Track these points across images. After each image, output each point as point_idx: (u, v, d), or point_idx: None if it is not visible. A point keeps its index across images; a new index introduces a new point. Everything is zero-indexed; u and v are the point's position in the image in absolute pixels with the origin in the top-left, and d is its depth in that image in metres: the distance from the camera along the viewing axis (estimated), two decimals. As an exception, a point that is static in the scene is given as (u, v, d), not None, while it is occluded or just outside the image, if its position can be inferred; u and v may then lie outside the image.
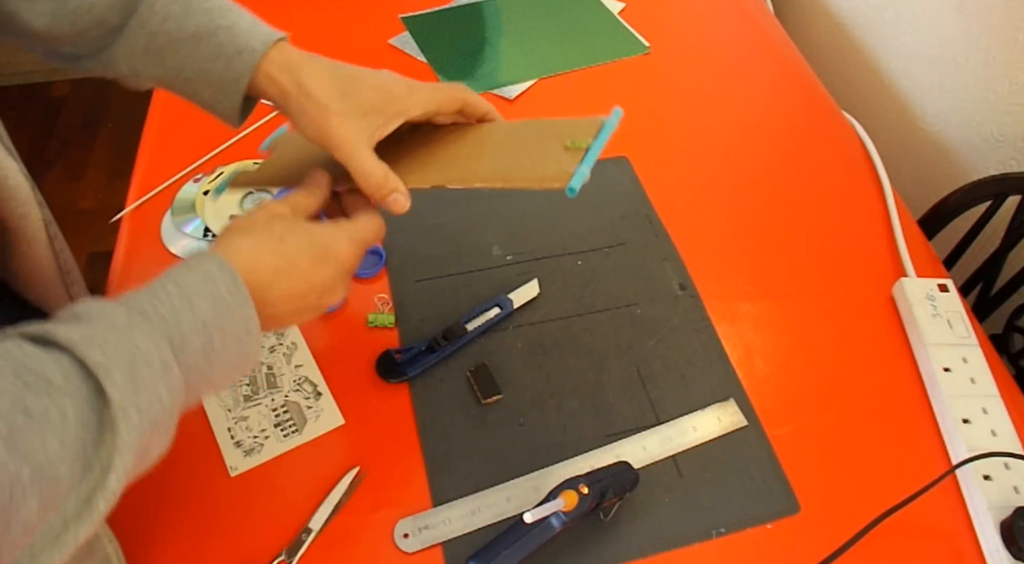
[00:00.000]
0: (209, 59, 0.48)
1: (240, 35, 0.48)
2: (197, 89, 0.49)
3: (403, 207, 0.52)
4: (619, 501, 0.56)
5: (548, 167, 0.54)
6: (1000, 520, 0.55)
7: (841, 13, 1.12)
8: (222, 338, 0.39)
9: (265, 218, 0.46)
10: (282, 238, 0.45)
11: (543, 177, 0.53)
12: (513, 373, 0.64)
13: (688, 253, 0.73)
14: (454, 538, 0.55)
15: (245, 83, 0.48)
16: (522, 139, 0.58)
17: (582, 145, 0.54)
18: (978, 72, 0.88)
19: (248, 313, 0.40)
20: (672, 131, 0.86)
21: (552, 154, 0.54)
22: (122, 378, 0.34)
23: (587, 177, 0.51)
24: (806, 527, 0.57)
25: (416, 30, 0.96)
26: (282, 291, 0.43)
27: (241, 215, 0.47)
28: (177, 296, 0.38)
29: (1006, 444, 0.60)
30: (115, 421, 0.33)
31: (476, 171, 0.56)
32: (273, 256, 0.44)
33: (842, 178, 0.82)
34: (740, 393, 0.64)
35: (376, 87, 0.51)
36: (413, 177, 0.55)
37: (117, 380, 0.34)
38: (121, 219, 0.75)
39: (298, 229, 0.46)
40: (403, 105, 0.52)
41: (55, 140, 1.97)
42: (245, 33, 0.48)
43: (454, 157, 0.57)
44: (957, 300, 0.69)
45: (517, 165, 0.55)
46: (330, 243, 0.47)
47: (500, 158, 0.57)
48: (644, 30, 0.97)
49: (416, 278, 0.70)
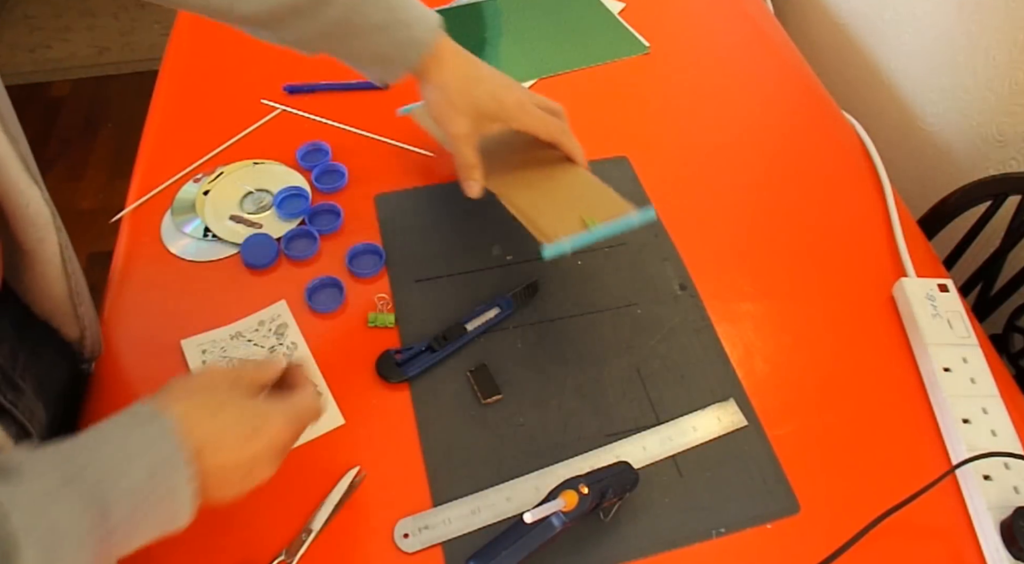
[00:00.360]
0: (386, 45, 0.58)
1: (413, 27, 0.59)
2: (368, 66, 0.61)
3: (473, 192, 0.66)
4: (619, 501, 0.56)
5: (552, 223, 0.62)
6: (1000, 520, 0.55)
7: (841, 13, 1.12)
8: (152, 503, 0.39)
9: (205, 385, 0.46)
10: (215, 413, 0.44)
11: (540, 228, 0.62)
12: (513, 373, 0.64)
13: (688, 253, 0.73)
14: (454, 538, 0.55)
15: (412, 67, 0.60)
16: (566, 191, 0.66)
17: (590, 224, 0.62)
18: (978, 72, 0.88)
19: (182, 480, 0.40)
20: (672, 131, 0.86)
21: (567, 216, 0.63)
22: (40, 547, 0.34)
23: (567, 252, 0.61)
24: (806, 527, 0.57)
25: (416, 30, 0.96)
26: (206, 465, 0.42)
27: (183, 377, 0.47)
28: (115, 457, 0.39)
29: (1006, 444, 0.60)
30: None
31: (515, 198, 0.65)
32: (204, 428, 0.43)
33: (842, 178, 0.82)
34: (740, 393, 0.64)
35: (494, 96, 0.63)
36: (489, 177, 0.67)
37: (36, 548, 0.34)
38: (121, 219, 0.75)
39: (233, 403, 0.46)
40: (510, 118, 0.65)
41: (55, 140, 1.97)
42: (416, 25, 0.59)
43: (515, 177, 0.68)
44: (957, 300, 0.69)
45: (539, 208, 0.64)
46: (263, 421, 0.46)
47: (538, 196, 0.65)
48: (644, 30, 0.97)
49: (416, 278, 0.70)
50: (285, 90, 0.87)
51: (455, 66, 0.61)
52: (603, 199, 0.65)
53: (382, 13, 0.57)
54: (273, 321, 0.66)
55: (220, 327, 0.66)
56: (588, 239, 0.62)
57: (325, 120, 0.84)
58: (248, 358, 0.61)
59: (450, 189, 0.78)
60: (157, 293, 0.69)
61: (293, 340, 0.65)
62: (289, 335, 0.65)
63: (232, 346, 0.64)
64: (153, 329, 0.66)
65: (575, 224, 0.62)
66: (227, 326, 0.66)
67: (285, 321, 0.66)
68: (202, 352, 0.64)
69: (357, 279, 0.70)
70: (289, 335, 0.65)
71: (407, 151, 0.82)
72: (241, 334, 0.65)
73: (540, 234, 0.61)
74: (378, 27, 0.57)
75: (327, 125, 0.84)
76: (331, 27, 0.56)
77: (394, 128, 0.83)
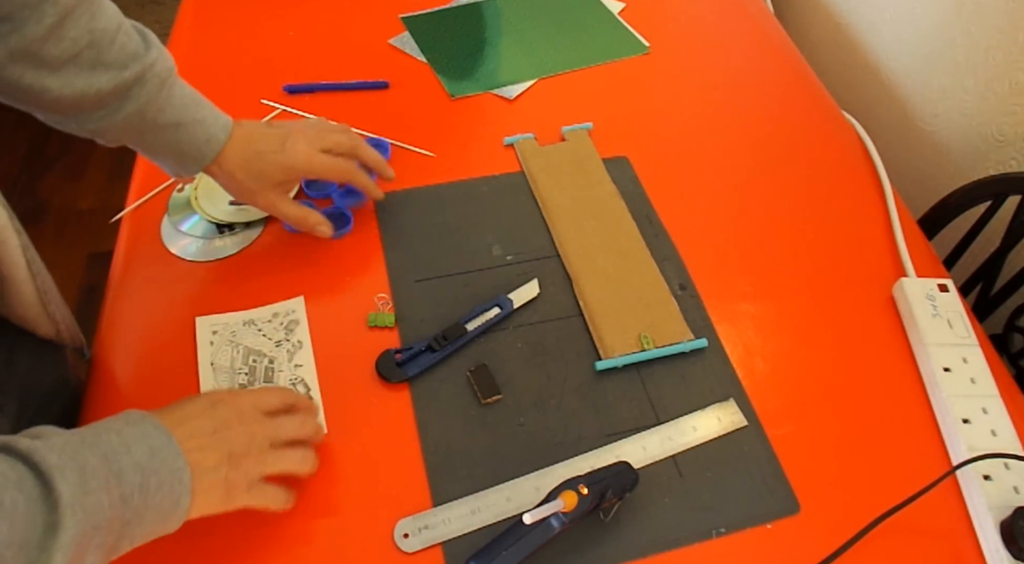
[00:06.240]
0: (183, 143, 0.61)
1: (208, 126, 0.61)
2: (166, 160, 0.63)
3: (325, 233, 0.70)
4: (619, 501, 0.56)
5: (613, 337, 0.65)
6: (1000, 520, 0.55)
7: (841, 13, 1.12)
8: (157, 480, 0.43)
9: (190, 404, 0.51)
10: (170, 408, 0.49)
11: (602, 340, 0.65)
12: (513, 373, 0.64)
13: (688, 253, 0.73)
14: (454, 538, 0.55)
15: (207, 163, 0.63)
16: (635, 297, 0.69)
17: (647, 345, 0.65)
18: (978, 72, 0.88)
19: (180, 464, 0.45)
20: (672, 131, 0.86)
21: (628, 330, 0.66)
22: (74, 477, 0.38)
23: (617, 366, 0.64)
24: (806, 527, 0.57)
25: (416, 30, 0.96)
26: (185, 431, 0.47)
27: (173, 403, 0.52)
28: (117, 442, 0.43)
29: (1006, 444, 0.60)
30: (62, 518, 0.37)
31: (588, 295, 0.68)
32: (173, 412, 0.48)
33: (842, 178, 0.82)
34: (740, 393, 0.64)
35: (278, 164, 0.65)
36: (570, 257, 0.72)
37: (70, 478, 0.38)
38: (121, 219, 0.75)
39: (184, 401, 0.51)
40: (304, 175, 0.68)
41: (55, 140, 1.97)
42: (211, 124, 0.62)
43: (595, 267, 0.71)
44: (957, 300, 0.69)
45: (606, 314, 0.67)
46: (219, 396, 0.51)
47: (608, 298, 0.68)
48: (644, 30, 0.97)
49: (416, 278, 0.70)
50: (285, 90, 0.87)
51: (234, 154, 0.63)
52: (666, 318, 0.67)
53: (178, 112, 0.59)
54: (287, 315, 0.66)
55: (235, 311, 0.66)
56: (640, 358, 0.65)
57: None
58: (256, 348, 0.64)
59: (450, 189, 0.78)
60: (157, 293, 0.69)
61: (300, 338, 0.65)
62: (298, 333, 0.65)
63: (242, 332, 0.65)
64: (153, 329, 0.66)
65: (632, 342, 0.65)
66: (241, 312, 0.66)
67: (297, 318, 0.66)
68: (213, 332, 0.65)
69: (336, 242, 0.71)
70: (298, 333, 0.65)
71: (407, 151, 0.82)
72: (253, 322, 0.66)
73: (600, 347, 0.65)
74: (174, 125, 0.59)
75: (327, 125, 0.84)
76: (131, 121, 0.57)
77: (394, 128, 0.83)
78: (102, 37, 0.54)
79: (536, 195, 0.77)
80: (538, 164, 0.80)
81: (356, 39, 0.94)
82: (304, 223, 0.69)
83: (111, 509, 0.40)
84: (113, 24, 0.55)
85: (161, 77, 0.58)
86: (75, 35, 0.52)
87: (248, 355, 0.64)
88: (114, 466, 0.41)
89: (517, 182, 0.79)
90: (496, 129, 0.84)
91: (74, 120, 0.56)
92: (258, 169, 0.64)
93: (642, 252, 0.72)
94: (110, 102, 0.56)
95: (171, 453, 0.45)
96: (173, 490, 0.44)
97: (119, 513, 0.41)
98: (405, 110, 0.86)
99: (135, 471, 0.42)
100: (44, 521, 0.37)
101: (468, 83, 0.90)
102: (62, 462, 0.38)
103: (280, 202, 0.67)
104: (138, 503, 0.42)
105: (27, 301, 0.56)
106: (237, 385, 0.62)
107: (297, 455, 0.53)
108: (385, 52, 0.93)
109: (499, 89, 0.89)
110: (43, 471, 0.38)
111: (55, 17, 0.50)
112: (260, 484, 0.51)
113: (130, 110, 0.57)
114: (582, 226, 0.74)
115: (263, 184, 0.65)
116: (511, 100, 0.88)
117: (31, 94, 0.53)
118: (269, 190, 0.66)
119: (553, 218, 0.75)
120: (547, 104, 0.88)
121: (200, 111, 0.61)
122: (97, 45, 0.54)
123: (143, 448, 0.43)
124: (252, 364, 0.63)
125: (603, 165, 0.80)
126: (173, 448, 0.45)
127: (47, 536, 0.36)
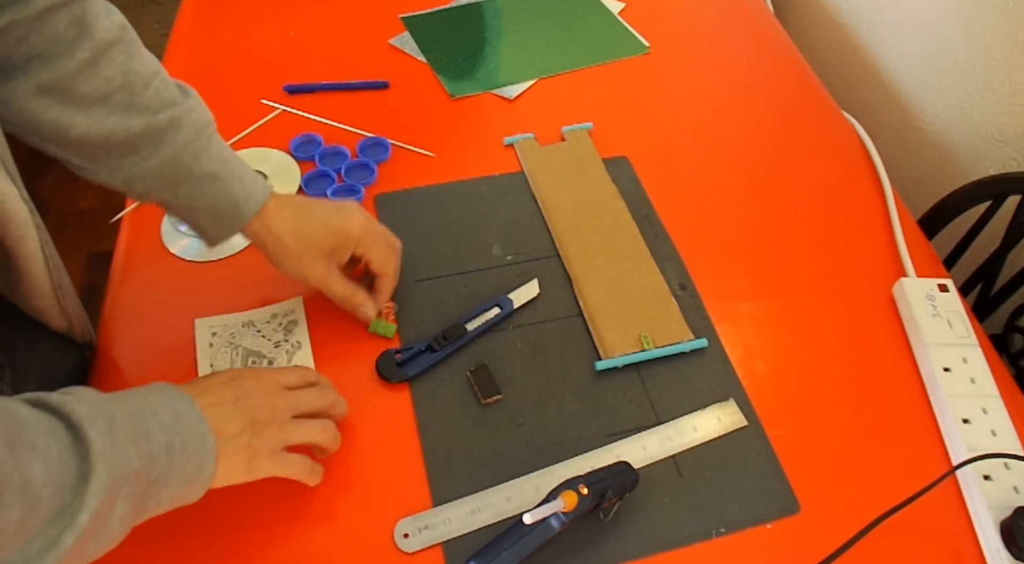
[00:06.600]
0: (219, 199, 0.57)
1: (247, 184, 0.58)
2: (200, 218, 0.58)
3: (366, 317, 0.65)
4: (619, 501, 0.56)
5: (613, 338, 0.65)
6: (1000, 520, 0.55)
7: (841, 13, 1.12)
8: (181, 442, 0.44)
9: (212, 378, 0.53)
10: (204, 378, 0.52)
11: (602, 340, 0.65)
12: (513, 373, 0.64)
13: (688, 253, 0.73)
14: (454, 538, 0.55)
15: (245, 223, 0.58)
16: (636, 297, 0.69)
17: (646, 346, 0.65)
18: (978, 72, 0.88)
19: (204, 429, 0.46)
20: (672, 131, 0.86)
21: (629, 330, 0.66)
22: (103, 426, 0.39)
23: (617, 366, 0.64)
24: (806, 527, 0.57)
25: (416, 30, 0.96)
26: (208, 400, 0.48)
27: None
28: (143, 404, 0.44)
29: (1006, 444, 0.60)
30: (93, 464, 0.38)
31: (588, 296, 0.68)
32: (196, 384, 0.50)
33: (842, 178, 0.82)
34: (740, 393, 0.64)
35: (329, 226, 0.61)
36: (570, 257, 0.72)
37: (99, 427, 0.39)
38: (121, 219, 0.75)
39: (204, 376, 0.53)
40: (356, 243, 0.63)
41: (55, 140, 1.97)
42: (250, 182, 0.58)
43: (594, 267, 0.71)
44: (957, 300, 0.69)
45: (606, 314, 0.67)
46: (239, 371, 0.53)
47: (609, 299, 0.68)
48: (644, 30, 0.97)
49: (416, 278, 0.70)
50: (285, 90, 0.87)
51: (283, 218, 0.59)
52: (666, 318, 0.67)
53: (216, 164, 0.56)
54: (286, 316, 0.66)
55: (235, 313, 0.66)
56: (640, 358, 0.65)
57: (325, 120, 0.84)
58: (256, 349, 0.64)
59: (450, 189, 0.78)
60: (157, 293, 0.69)
61: (299, 339, 0.65)
62: (297, 333, 0.65)
63: (241, 333, 0.65)
64: (153, 329, 0.66)
65: (632, 342, 0.65)
66: (240, 313, 0.66)
67: (296, 318, 0.66)
68: (212, 334, 0.65)
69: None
70: (297, 333, 0.65)
71: (407, 151, 0.82)
72: (253, 323, 0.66)
73: (600, 347, 0.65)
74: (211, 176, 0.56)
75: (327, 125, 0.84)
76: (165, 168, 0.54)
77: (394, 128, 0.83)
78: (137, 79, 0.52)
79: (536, 195, 0.77)
80: (538, 164, 0.80)
81: (356, 39, 0.94)
82: (349, 303, 0.64)
83: (139, 461, 0.41)
84: (149, 69, 0.53)
85: (198, 125, 0.55)
86: (109, 74, 0.51)
87: (248, 356, 0.64)
88: (140, 425, 0.42)
89: (517, 182, 0.79)
90: (496, 129, 0.84)
91: (104, 166, 0.54)
92: (308, 232, 0.60)
93: (642, 252, 0.72)
94: (142, 147, 0.53)
95: (194, 417, 0.46)
96: (197, 453, 0.45)
97: (146, 468, 0.41)
98: (405, 110, 0.86)
99: (161, 431, 0.43)
100: (76, 467, 0.38)
101: (468, 83, 0.90)
102: (92, 413, 0.39)
103: (332, 277, 0.62)
104: (164, 463, 0.43)
105: (43, 294, 0.56)
106: None
107: (319, 425, 0.54)
108: (385, 52, 0.93)
109: (499, 89, 0.89)
110: (74, 422, 0.39)
111: (89, 53, 0.49)
112: (283, 453, 0.51)
113: (164, 156, 0.54)
114: (582, 226, 0.74)
115: (314, 251, 0.61)
116: (511, 100, 0.88)
117: (55, 131, 0.51)
118: (321, 259, 0.61)
119: (553, 218, 0.75)
120: (547, 104, 0.88)
121: (239, 168, 0.58)
122: (131, 87, 0.52)
123: (168, 411, 0.44)
124: (252, 365, 0.63)
125: (603, 165, 0.80)
126: (196, 413, 0.46)
127: (80, 482, 0.38)
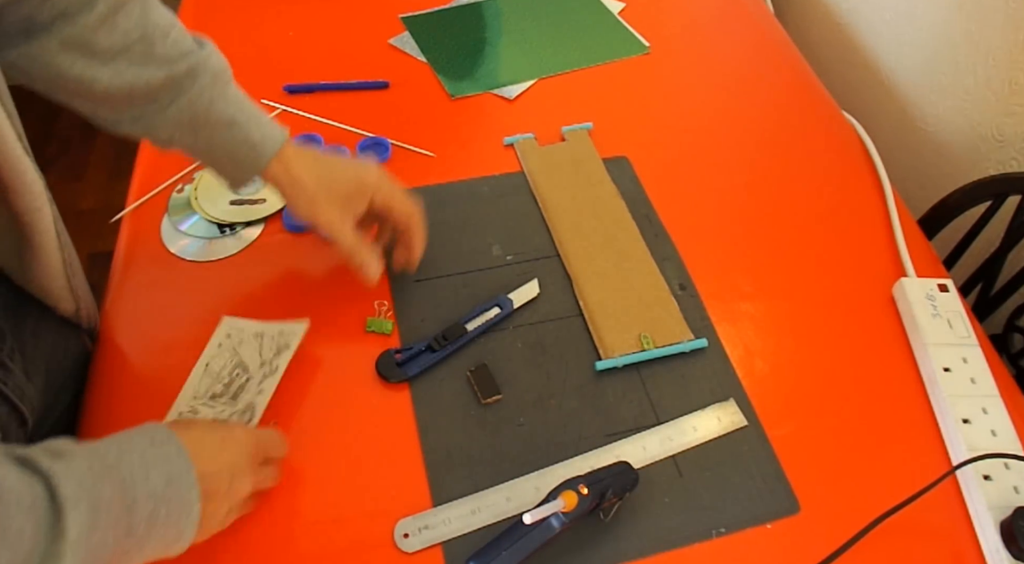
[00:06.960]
0: (238, 143, 0.58)
1: (264, 126, 0.59)
2: (221, 162, 0.59)
3: (369, 277, 0.64)
4: (619, 501, 0.56)
5: (613, 338, 0.65)
6: (1000, 520, 0.55)
7: (841, 13, 1.12)
8: (166, 510, 0.43)
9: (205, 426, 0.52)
10: (188, 426, 0.50)
11: (602, 340, 0.65)
12: (513, 373, 0.64)
13: (688, 253, 0.73)
14: (454, 538, 0.55)
15: (264, 165, 0.59)
16: (636, 297, 0.69)
17: (647, 345, 0.65)
18: (978, 72, 0.88)
19: (192, 497, 0.45)
20: (672, 131, 0.86)
21: (629, 330, 0.66)
22: (86, 511, 0.38)
23: (617, 366, 0.64)
24: (806, 527, 0.57)
25: (416, 30, 0.96)
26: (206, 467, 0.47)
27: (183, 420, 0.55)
28: (138, 465, 0.43)
29: (1006, 444, 0.60)
30: (64, 553, 0.37)
31: (587, 295, 0.69)
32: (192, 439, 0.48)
33: (842, 178, 0.82)
34: (740, 393, 0.64)
35: (347, 175, 0.62)
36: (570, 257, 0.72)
37: (81, 512, 0.38)
38: (121, 219, 0.75)
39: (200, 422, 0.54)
40: (375, 190, 0.63)
41: (55, 140, 1.97)
42: (268, 127, 0.59)
43: (593, 266, 0.71)
44: (957, 300, 0.69)
45: (606, 313, 0.67)
46: (231, 430, 0.52)
47: (608, 299, 0.68)
48: (644, 30, 0.97)
49: (416, 278, 0.70)
50: (285, 90, 0.87)
51: (302, 161, 0.60)
52: (666, 318, 0.67)
53: (233, 109, 0.58)
54: (283, 336, 0.64)
55: (254, 320, 0.65)
56: (640, 358, 0.65)
57: (325, 120, 0.84)
58: None
59: (450, 189, 0.78)
60: (157, 293, 0.69)
61: (279, 364, 0.62)
62: (282, 357, 0.62)
63: (248, 342, 0.63)
64: (153, 329, 0.66)
65: (632, 342, 0.65)
66: (257, 322, 0.64)
67: (289, 342, 0.63)
68: (227, 336, 0.64)
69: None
70: (282, 357, 0.62)
71: (407, 151, 0.82)
72: (262, 335, 0.64)
73: (600, 347, 0.65)
74: (228, 121, 0.57)
75: (327, 125, 0.84)
76: (183, 114, 0.56)
77: (394, 128, 0.83)
78: (154, 31, 0.54)
79: (536, 195, 0.77)
80: (538, 164, 0.80)
81: (356, 39, 0.94)
82: (354, 255, 0.62)
83: (115, 544, 0.40)
84: (166, 21, 0.55)
85: (214, 72, 0.57)
86: (127, 27, 0.52)
87: (236, 367, 0.62)
88: (128, 496, 0.41)
89: (517, 182, 0.79)
90: (496, 129, 0.84)
91: (127, 116, 0.56)
92: (325, 175, 0.61)
93: (642, 252, 0.72)
94: (161, 96, 0.55)
95: (186, 485, 0.45)
96: (179, 523, 0.44)
97: (122, 546, 0.41)
98: (405, 110, 0.86)
99: (148, 500, 0.42)
100: (46, 549, 0.37)
101: (468, 83, 0.90)
102: (78, 495, 0.38)
103: (342, 224, 0.61)
104: (142, 534, 0.42)
105: (53, 273, 0.56)
106: (210, 395, 0.60)
107: (272, 473, 0.55)
108: (385, 52, 0.93)
109: (499, 89, 0.89)
110: (57, 502, 0.38)
111: (107, 7, 0.51)
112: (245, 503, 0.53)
113: (181, 103, 0.55)
114: (582, 226, 0.74)
115: (329, 195, 0.60)
116: (511, 100, 0.88)
117: (81, 84, 0.53)
118: (334, 205, 0.61)
119: (553, 218, 0.75)
120: (547, 104, 0.88)
121: (257, 114, 0.59)
122: (148, 39, 0.54)
123: (161, 475, 0.43)
124: (234, 377, 0.61)
125: (603, 165, 0.80)
126: (189, 479, 0.45)
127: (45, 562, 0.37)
